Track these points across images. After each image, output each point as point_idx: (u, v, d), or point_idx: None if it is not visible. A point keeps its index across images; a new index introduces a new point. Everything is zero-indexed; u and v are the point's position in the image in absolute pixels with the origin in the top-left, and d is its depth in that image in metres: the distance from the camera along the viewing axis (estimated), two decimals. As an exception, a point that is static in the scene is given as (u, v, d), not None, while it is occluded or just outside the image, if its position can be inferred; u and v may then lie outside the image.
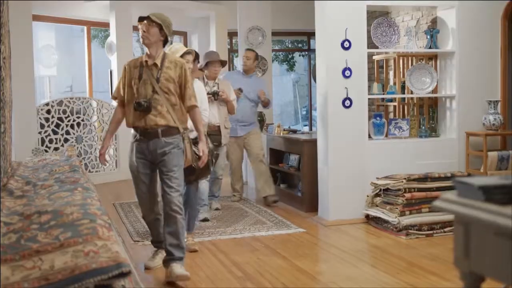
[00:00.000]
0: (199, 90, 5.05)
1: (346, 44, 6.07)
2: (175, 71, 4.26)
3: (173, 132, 4.28)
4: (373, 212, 5.91)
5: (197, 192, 5.25)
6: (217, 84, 6.53)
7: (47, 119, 8.74)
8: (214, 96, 6.38)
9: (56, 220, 2.72)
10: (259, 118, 9.06)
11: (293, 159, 7.46)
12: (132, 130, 4.41)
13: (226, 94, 6.47)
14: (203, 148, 4.43)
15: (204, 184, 5.91)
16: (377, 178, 5.98)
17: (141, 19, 4.24)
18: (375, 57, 7.69)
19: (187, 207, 4.93)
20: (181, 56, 4.82)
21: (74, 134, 9.07)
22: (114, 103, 9.55)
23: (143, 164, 4.37)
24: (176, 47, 5.03)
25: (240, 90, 7.04)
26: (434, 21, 7.07)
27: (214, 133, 6.23)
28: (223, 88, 6.52)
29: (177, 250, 4.27)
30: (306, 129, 9.83)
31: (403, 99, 7.13)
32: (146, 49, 4.32)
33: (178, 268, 4.21)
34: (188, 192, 4.98)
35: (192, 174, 4.69)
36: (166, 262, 4.31)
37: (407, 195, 5.59)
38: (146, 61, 4.26)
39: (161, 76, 4.22)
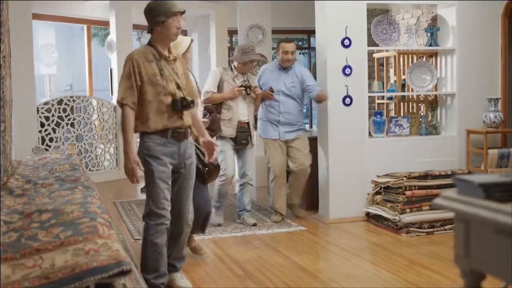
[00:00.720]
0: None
1: (346, 42, 6.07)
2: (181, 66, 4.02)
3: (189, 132, 4.01)
4: (374, 210, 5.91)
5: (207, 194, 4.83)
6: (247, 79, 6.00)
7: (47, 118, 8.74)
8: (247, 90, 5.89)
9: (57, 218, 2.72)
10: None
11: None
12: (145, 134, 3.85)
13: (258, 90, 6.01)
14: (209, 139, 4.15)
15: (216, 186, 5.88)
16: (377, 176, 5.98)
17: (182, 12, 3.84)
18: (375, 55, 7.69)
19: (199, 212, 4.53)
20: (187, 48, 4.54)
21: (74, 132, 9.07)
22: (115, 102, 9.62)
23: (168, 172, 3.89)
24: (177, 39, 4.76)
25: (271, 90, 6.10)
26: (434, 19, 7.06)
27: (242, 130, 5.90)
28: (252, 83, 6.04)
29: (180, 262, 4.22)
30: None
31: (403, 97, 7.12)
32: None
33: (180, 280, 4.15)
34: (199, 196, 4.55)
35: (202, 177, 4.55)
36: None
37: (408, 193, 5.60)
38: (167, 55, 3.86)
39: (178, 70, 3.92)
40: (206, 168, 4.59)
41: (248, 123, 5.96)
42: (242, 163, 6.09)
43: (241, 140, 5.90)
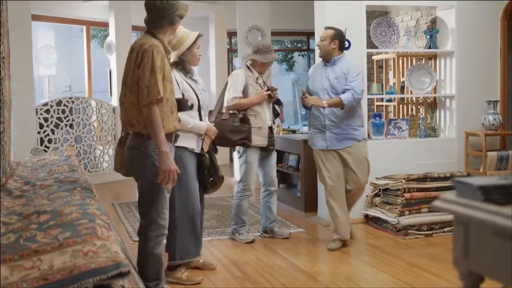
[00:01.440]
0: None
1: (346, 44, 6.05)
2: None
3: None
4: (373, 212, 5.91)
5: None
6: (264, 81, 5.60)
7: (46, 119, 8.73)
8: (272, 92, 5.42)
9: (55, 220, 2.72)
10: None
11: (292, 159, 7.46)
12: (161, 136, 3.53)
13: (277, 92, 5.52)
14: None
15: (236, 202, 5.50)
16: (376, 178, 5.98)
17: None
18: (375, 57, 7.69)
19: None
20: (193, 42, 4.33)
21: (73, 134, 9.06)
22: (114, 103, 9.64)
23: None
24: (183, 33, 4.35)
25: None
26: (434, 21, 7.06)
27: (269, 136, 5.44)
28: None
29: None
30: (306, 129, 9.81)
31: (403, 99, 7.13)
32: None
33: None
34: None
35: (205, 187, 4.46)
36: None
37: (407, 195, 5.60)
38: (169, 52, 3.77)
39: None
40: (211, 179, 4.43)
41: (271, 127, 5.50)
42: (269, 170, 5.63)
43: (270, 147, 5.48)
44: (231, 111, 5.26)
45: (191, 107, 4.10)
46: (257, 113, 5.34)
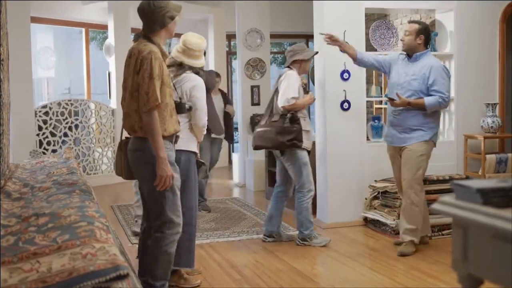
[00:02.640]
0: None
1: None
2: None
3: None
4: (371, 215, 5.91)
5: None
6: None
7: (45, 121, 8.73)
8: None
9: (54, 222, 2.72)
10: (257, 120, 9.08)
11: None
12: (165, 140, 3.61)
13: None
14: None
15: (304, 205, 5.37)
16: (375, 180, 5.98)
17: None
18: (374, 60, 7.69)
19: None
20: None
21: (72, 136, 9.06)
22: (113, 105, 9.65)
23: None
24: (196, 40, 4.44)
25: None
26: (433, 24, 7.07)
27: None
28: None
29: None
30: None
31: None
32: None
33: None
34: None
35: None
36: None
37: (405, 197, 5.59)
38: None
39: None
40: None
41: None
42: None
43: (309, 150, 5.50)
44: (280, 113, 5.25)
45: (189, 109, 4.10)
46: (305, 116, 5.37)
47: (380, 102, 7.55)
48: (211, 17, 11.04)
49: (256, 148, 5.47)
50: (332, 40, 5.30)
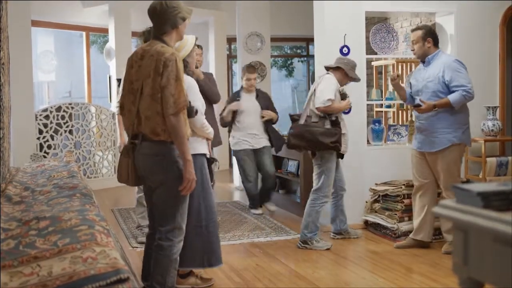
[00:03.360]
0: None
1: (345, 50, 6.08)
2: None
3: None
4: (372, 218, 5.90)
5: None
6: None
7: (45, 125, 8.74)
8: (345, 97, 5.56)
9: (55, 226, 2.72)
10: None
11: (292, 165, 7.46)
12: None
13: None
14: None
15: (317, 209, 5.41)
16: (375, 184, 5.98)
17: None
18: (374, 63, 7.71)
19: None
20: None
21: (72, 139, 9.07)
22: (113, 109, 9.64)
23: None
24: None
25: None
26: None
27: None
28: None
29: None
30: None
31: (402, 105, 7.13)
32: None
33: None
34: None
35: None
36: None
37: (406, 201, 5.60)
38: None
39: None
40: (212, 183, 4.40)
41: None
42: (340, 175, 5.66)
43: (343, 153, 5.52)
44: (320, 115, 5.27)
45: (196, 112, 4.07)
46: (342, 119, 5.42)
47: (381, 105, 7.55)
48: (211, 20, 11.05)
49: (290, 146, 5.42)
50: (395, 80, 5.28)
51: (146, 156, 3.53)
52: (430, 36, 5.09)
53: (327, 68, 5.52)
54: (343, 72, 5.43)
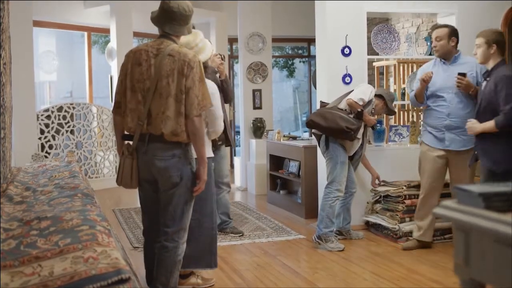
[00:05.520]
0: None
1: (346, 51, 6.08)
2: None
3: None
4: (373, 219, 5.90)
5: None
6: None
7: (47, 125, 8.74)
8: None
9: (56, 226, 2.72)
10: (259, 124, 9.08)
11: (293, 165, 7.46)
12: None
13: None
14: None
15: (330, 203, 5.46)
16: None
17: None
18: (375, 64, 7.70)
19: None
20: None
21: (74, 140, 9.07)
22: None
23: None
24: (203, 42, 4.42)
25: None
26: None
27: None
28: None
29: None
30: (306, 135, 9.84)
31: (403, 105, 7.13)
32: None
33: None
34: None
35: None
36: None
37: (407, 201, 5.60)
38: None
39: None
40: None
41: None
42: (351, 172, 5.71)
43: (355, 156, 5.70)
44: (347, 109, 5.41)
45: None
46: (367, 132, 5.71)
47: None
48: (213, 21, 11.05)
49: (309, 123, 5.50)
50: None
51: (160, 158, 3.46)
52: (455, 35, 5.14)
53: None
54: (383, 101, 5.63)
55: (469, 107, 4.99)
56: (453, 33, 5.13)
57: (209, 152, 4.10)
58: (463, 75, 4.95)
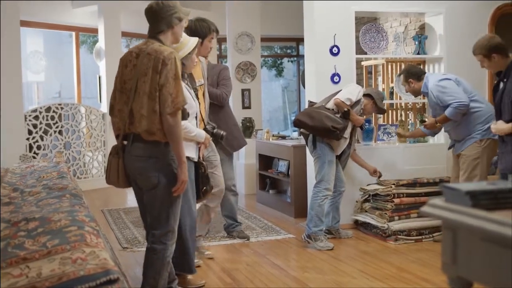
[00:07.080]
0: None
1: (335, 50, 6.09)
2: None
3: None
4: (362, 218, 5.91)
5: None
6: None
7: (35, 125, 8.70)
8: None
9: (44, 227, 2.71)
10: (248, 124, 9.08)
11: (282, 164, 7.46)
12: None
13: None
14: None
15: (319, 202, 5.47)
16: (367, 184, 5.99)
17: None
18: (364, 63, 7.70)
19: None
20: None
21: (62, 140, 9.04)
22: (103, 109, 9.63)
23: None
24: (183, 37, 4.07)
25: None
26: (422, 27, 7.10)
27: None
28: None
29: None
30: (295, 134, 9.84)
31: (392, 104, 7.15)
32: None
33: None
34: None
35: (198, 195, 4.28)
36: None
37: (396, 200, 5.61)
38: None
39: None
40: (204, 188, 4.26)
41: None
42: (339, 171, 5.74)
43: (343, 156, 5.75)
44: (334, 109, 5.43)
45: (188, 115, 4.02)
46: (355, 132, 5.76)
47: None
48: (201, 20, 11.03)
49: (296, 122, 5.53)
50: None
51: (139, 158, 3.46)
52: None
53: None
54: (372, 101, 5.65)
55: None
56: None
57: (190, 153, 3.99)
58: (423, 121, 5.61)
